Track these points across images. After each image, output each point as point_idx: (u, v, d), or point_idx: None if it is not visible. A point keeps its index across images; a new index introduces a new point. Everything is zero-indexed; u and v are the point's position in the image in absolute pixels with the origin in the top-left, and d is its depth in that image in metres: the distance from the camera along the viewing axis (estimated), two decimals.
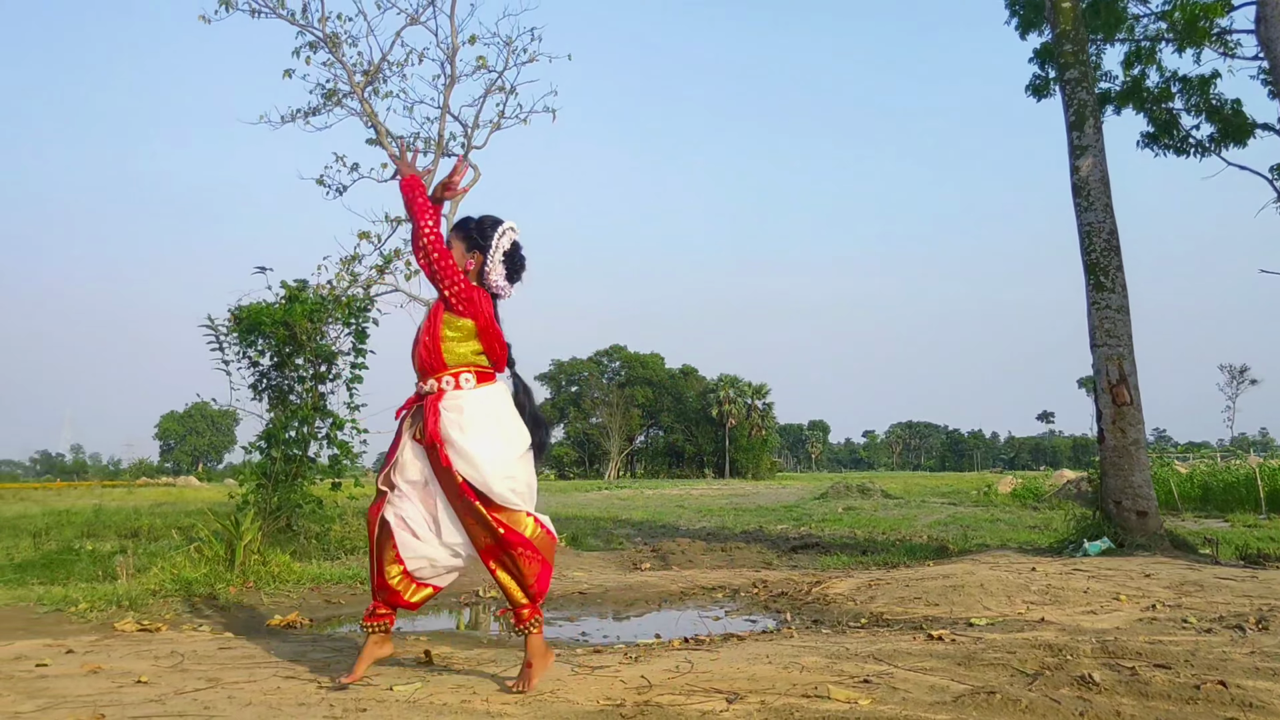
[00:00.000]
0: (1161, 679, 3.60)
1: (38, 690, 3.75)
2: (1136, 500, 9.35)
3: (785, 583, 7.73)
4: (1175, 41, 13.20)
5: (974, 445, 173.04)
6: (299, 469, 9.19)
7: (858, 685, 3.68)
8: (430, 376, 3.73)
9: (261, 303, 9.29)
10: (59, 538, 11.89)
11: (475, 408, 3.67)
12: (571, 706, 3.45)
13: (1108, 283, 9.81)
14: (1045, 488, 24.25)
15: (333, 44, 12.34)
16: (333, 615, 6.62)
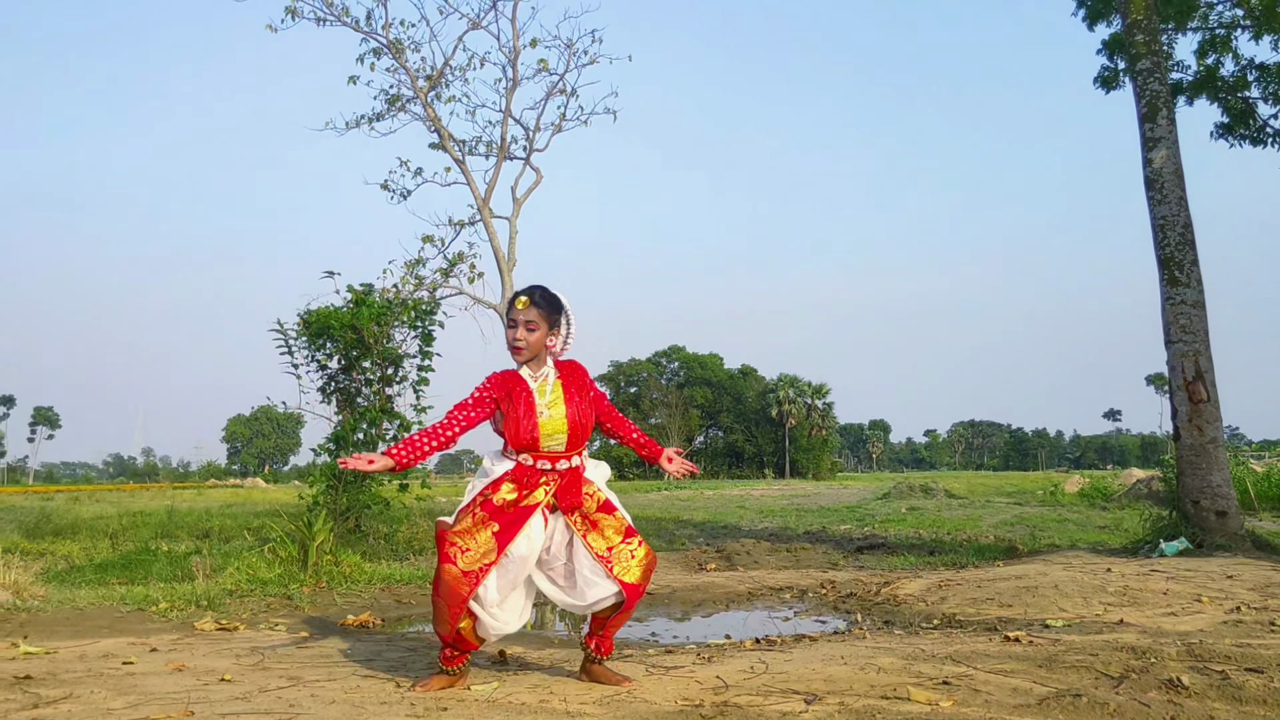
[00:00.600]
0: (1255, 683, 3.50)
1: (127, 687, 3.84)
2: (1215, 500, 9.11)
3: (853, 583, 7.66)
4: (1252, 28, 12.84)
5: (1038, 444, 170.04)
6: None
7: (937, 687, 3.63)
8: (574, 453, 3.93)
9: (329, 307, 9.46)
10: (135, 538, 12.20)
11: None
12: (650, 707, 3.44)
13: (1182, 277, 9.58)
14: (1114, 487, 23.73)
15: (396, 50, 12.50)
16: (404, 615, 6.70)
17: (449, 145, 12.68)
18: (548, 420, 3.82)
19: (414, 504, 10.53)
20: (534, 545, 3.77)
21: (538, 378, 3.92)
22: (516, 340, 3.86)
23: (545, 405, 3.85)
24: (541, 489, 3.82)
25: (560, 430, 3.84)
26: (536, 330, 3.87)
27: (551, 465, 3.85)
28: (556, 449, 3.85)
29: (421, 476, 10.87)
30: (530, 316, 3.87)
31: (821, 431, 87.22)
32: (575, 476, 3.89)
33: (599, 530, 3.84)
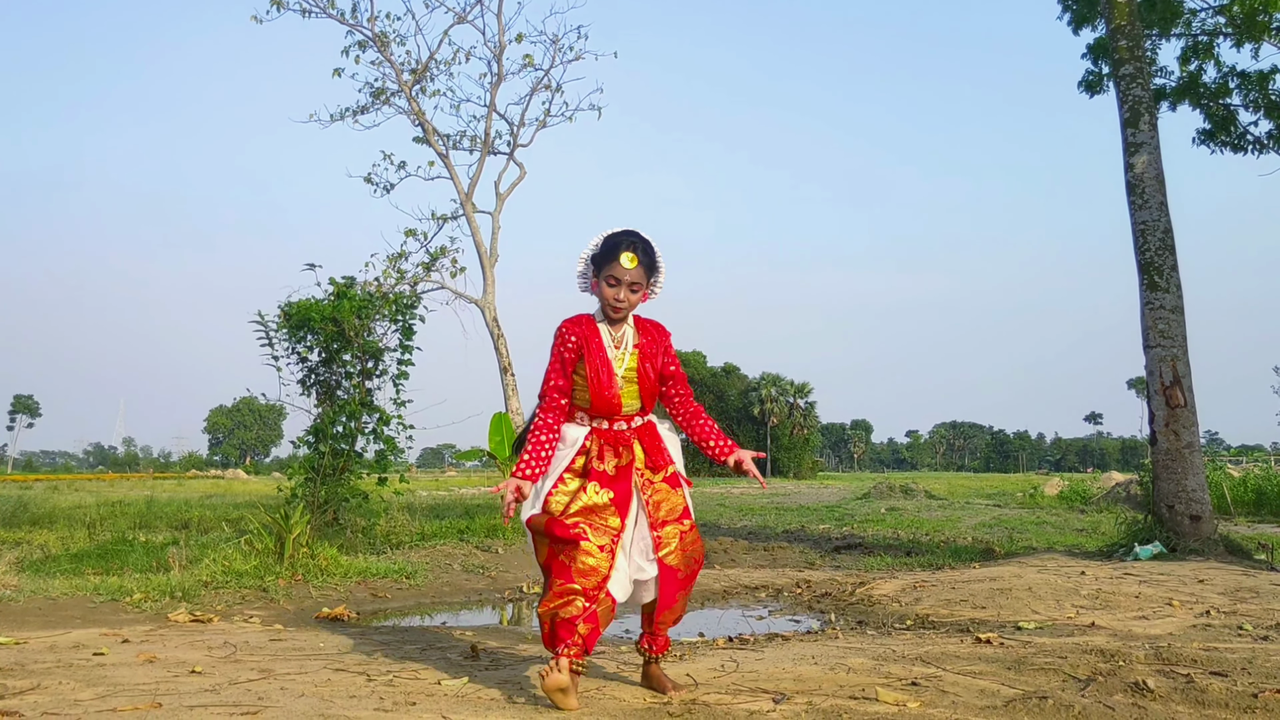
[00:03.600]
0: (1218, 687, 3.53)
1: (96, 678, 3.83)
2: (1190, 504, 9.18)
3: (829, 583, 7.69)
4: (1234, 36, 12.92)
5: (1019, 446, 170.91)
6: (346, 463, 9.30)
7: (906, 688, 3.65)
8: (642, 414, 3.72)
9: (310, 299, 9.41)
10: (113, 528, 12.12)
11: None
12: (619, 704, 3.45)
13: (1162, 282, 9.64)
14: (1093, 490, 23.86)
15: (381, 43, 12.45)
16: (379, 609, 6.70)
17: (433, 139, 12.65)
18: (624, 390, 3.60)
19: (392, 498, 10.50)
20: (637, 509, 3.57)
21: (616, 339, 3.64)
22: (618, 301, 3.55)
23: (621, 375, 3.60)
24: (633, 446, 3.63)
25: (635, 397, 3.64)
26: (639, 291, 3.59)
27: (628, 425, 3.66)
28: (632, 410, 3.66)
29: (401, 471, 10.85)
30: (637, 277, 3.56)
31: (803, 430, 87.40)
32: (654, 434, 3.70)
33: (660, 502, 3.59)
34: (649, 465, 3.65)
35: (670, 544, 3.54)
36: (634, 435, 3.68)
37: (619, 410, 3.63)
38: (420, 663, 4.34)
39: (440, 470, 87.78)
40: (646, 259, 3.59)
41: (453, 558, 8.83)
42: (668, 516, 3.59)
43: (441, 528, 10.68)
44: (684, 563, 3.56)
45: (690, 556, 3.59)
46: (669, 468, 3.68)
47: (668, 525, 3.57)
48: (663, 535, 3.54)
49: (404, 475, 10.56)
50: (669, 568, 3.53)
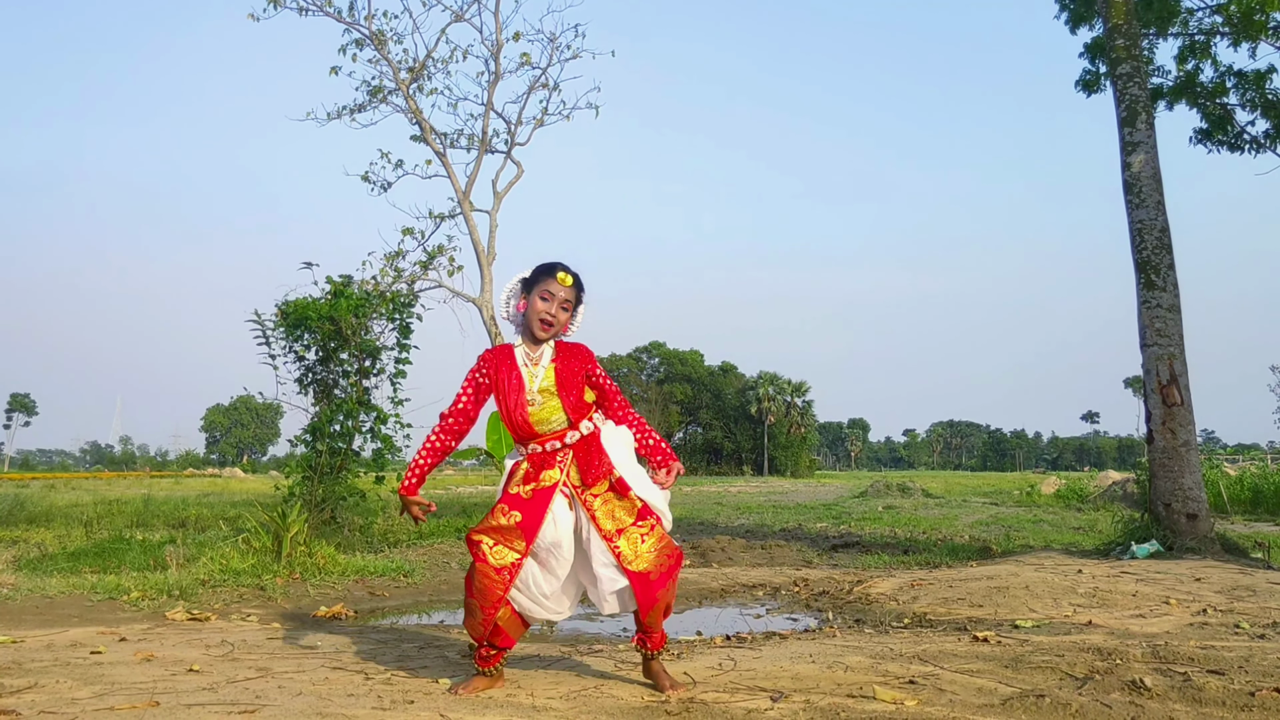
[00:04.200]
0: (1215, 685, 3.54)
1: (94, 677, 3.82)
2: (1186, 503, 9.19)
3: (826, 581, 7.69)
4: (1231, 35, 12.93)
5: (1016, 445, 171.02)
6: (343, 462, 9.31)
7: (903, 686, 3.66)
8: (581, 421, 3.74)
9: (308, 298, 9.42)
10: (110, 527, 12.10)
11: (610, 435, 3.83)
12: (616, 702, 3.45)
13: (1159, 281, 9.65)
14: (1090, 489, 23.88)
15: (378, 41, 12.44)
16: (377, 607, 6.69)
17: (430, 138, 12.64)
18: (539, 409, 3.65)
19: (390, 496, 10.50)
20: (562, 529, 3.59)
21: (533, 359, 3.72)
22: (548, 315, 3.67)
23: (537, 391, 3.66)
24: (557, 466, 3.67)
25: (554, 413, 3.67)
26: (568, 310, 3.73)
27: (560, 443, 3.69)
28: (558, 428, 3.69)
29: (398, 469, 10.84)
30: (569, 296, 3.72)
31: (800, 429, 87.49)
32: (591, 445, 3.70)
33: (609, 512, 3.61)
34: (583, 481, 3.66)
35: (632, 552, 3.56)
36: (568, 452, 3.71)
37: (534, 432, 3.68)
38: (418, 661, 4.34)
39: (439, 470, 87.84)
40: (578, 283, 3.78)
41: (450, 556, 8.83)
42: (621, 524, 3.60)
43: (439, 526, 10.67)
44: (654, 565, 3.56)
45: (660, 556, 3.58)
46: (610, 476, 3.67)
47: (623, 534, 3.58)
48: (620, 546, 3.56)
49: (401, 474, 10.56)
50: (639, 574, 3.54)
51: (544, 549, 3.59)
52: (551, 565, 3.61)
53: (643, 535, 3.58)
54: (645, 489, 3.67)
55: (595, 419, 3.79)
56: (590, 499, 3.63)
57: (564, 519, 3.62)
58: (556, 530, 3.59)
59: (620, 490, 3.65)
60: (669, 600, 3.67)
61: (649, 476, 3.73)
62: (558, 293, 3.69)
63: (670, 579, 3.60)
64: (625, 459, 3.74)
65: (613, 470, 3.67)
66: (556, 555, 3.60)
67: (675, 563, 3.64)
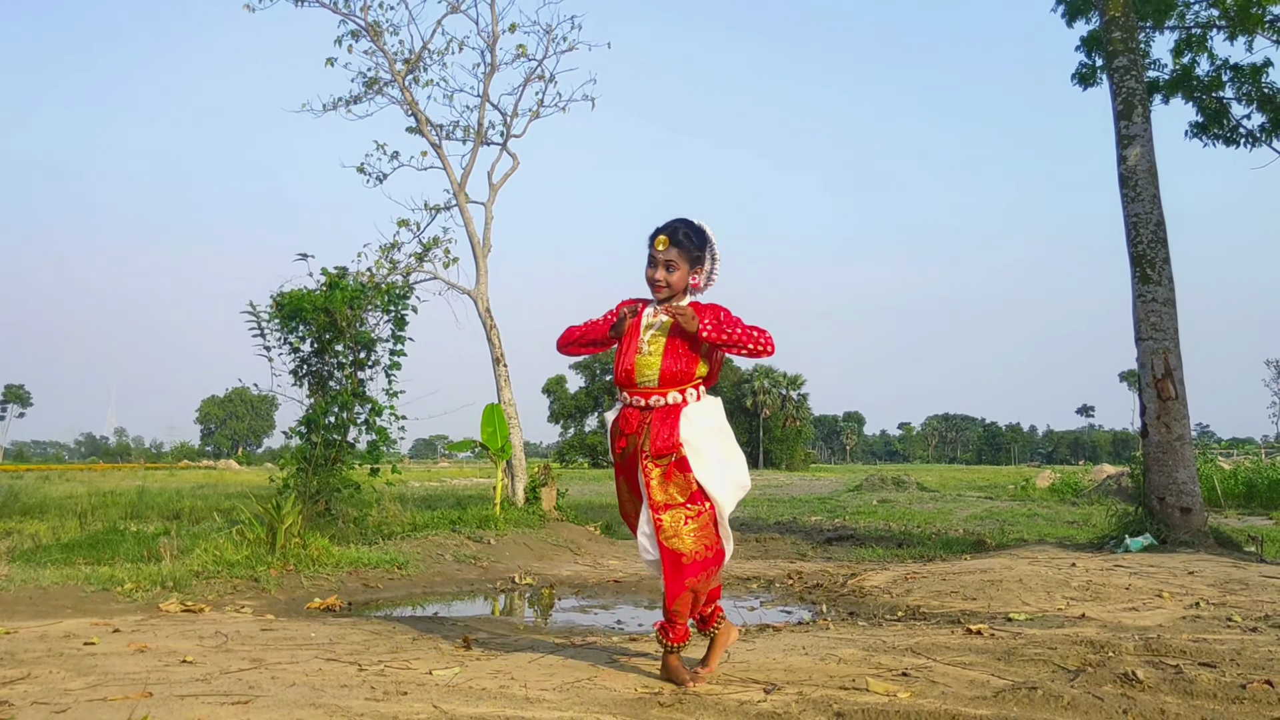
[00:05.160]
0: (1207, 678, 3.55)
1: (87, 668, 3.82)
2: (1180, 496, 9.21)
3: (820, 574, 7.70)
4: (1227, 29, 12.92)
5: (1011, 439, 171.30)
6: (338, 454, 9.30)
7: (896, 678, 3.66)
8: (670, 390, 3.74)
9: (303, 289, 9.40)
10: (104, 518, 12.11)
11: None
12: (610, 693, 3.46)
13: (1154, 275, 9.66)
14: (1084, 483, 23.94)
15: (374, 32, 12.39)
16: (371, 599, 6.69)
17: (426, 129, 12.60)
18: (643, 357, 3.72)
19: (385, 488, 10.50)
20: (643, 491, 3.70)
21: (658, 313, 3.79)
22: (656, 279, 3.75)
23: (646, 341, 3.73)
24: (639, 430, 3.71)
25: (652, 368, 3.70)
26: (677, 270, 3.75)
27: (645, 402, 3.72)
28: (649, 385, 3.72)
29: (393, 461, 10.85)
30: (670, 256, 3.74)
31: (796, 423, 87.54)
32: (669, 416, 3.70)
33: (664, 483, 3.61)
34: (652, 449, 3.66)
35: (672, 529, 3.54)
36: (649, 415, 3.72)
37: (633, 381, 3.74)
38: (412, 653, 4.34)
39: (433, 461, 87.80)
40: (685, 240, 3.76)
41: (444, 548, 8.82)
42: (671, 500, 3.59)
43: (433, 518, 10.67)
44: (691, 549, 3.53)
45: (699, 543, 3.54)
46: (676, 451, 3.63)
47: (671, 509, 3.57)
48: (663, 520, 3.56)
49: (396, 466, 10.55)
50: (671, 552, 3.52)
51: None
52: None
53: (688, 517, 3.57)
54: (709, 474, 3.64)
55: (689, 395, 3.75)
56: (650, 467, 3.64)
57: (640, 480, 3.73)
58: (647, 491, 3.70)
59: (681, 467, 3.63)
60: (702, 594, 3.64)
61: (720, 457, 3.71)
62: (657, 256, 3.76)
63: (705, 571, 3.56)
64: (701, 439, 3.69)
65: (680, 447, 3.64)
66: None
67: (716, 558, 3.60)
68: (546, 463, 12.98)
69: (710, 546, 3.57)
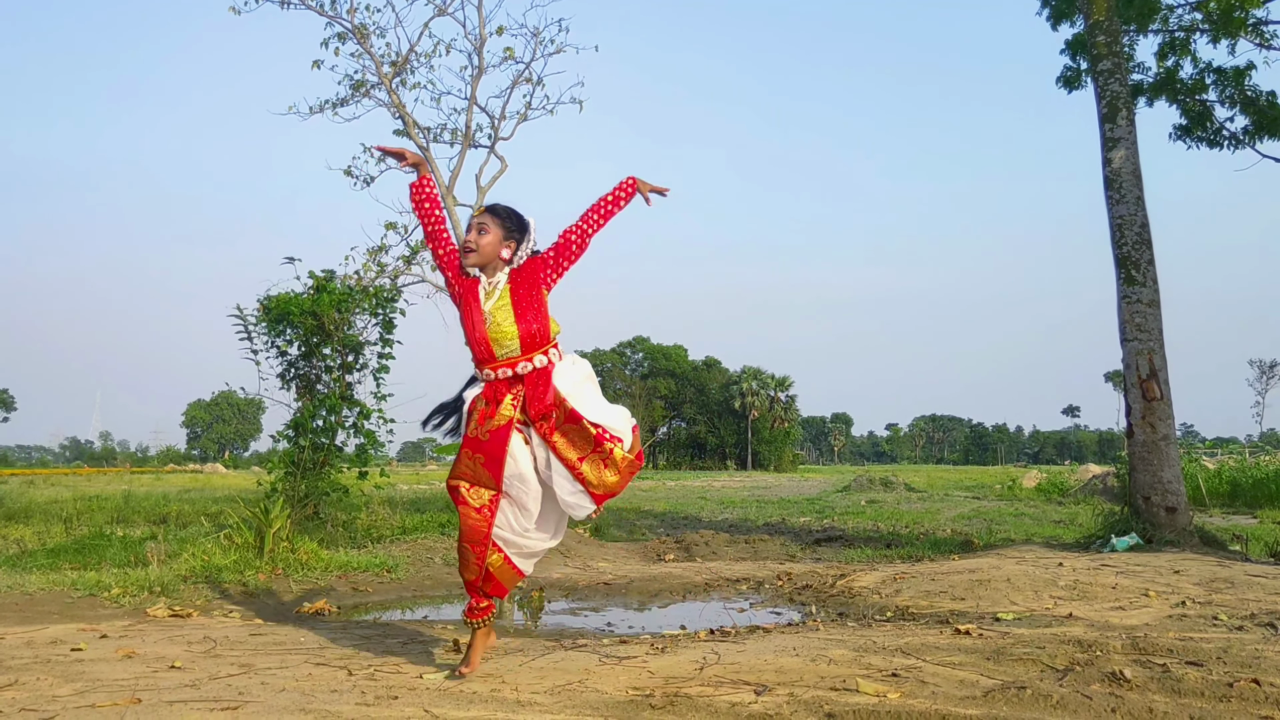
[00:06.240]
0: (1194, 676, 3.58)
1: (75, 674, 3.80)
2: (1166, 496, 9.26)
3: (809, 575, 7.72)
4: (1210, 32, 13.02)
5: (998, 439, 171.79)
6: (326, 457, 9.27)
7: (886, 679, 3.68)
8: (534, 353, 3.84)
9: (290, 293, 9.37)
10: (90, 523, 12.03)
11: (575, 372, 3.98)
12: (601, 696, 3.46)
13: (1139, 276, 9.72)
14: (1070, 483, 24.04)
15: (361, 35, 12.38)
16: (360, 603, 6.68)
17: (413, 132, 12.59)
18: (493, 326, 3.78)
19: (373, 491, 10.47)
20: (523, 463, 3.76)
21: (490, 283, 3.87)
22: (467, 242, 3.86)
23: (491, 309, 3.79)
24: (507, 402, 3.78)
25: (509, 336, 3.78)
26: (488, 234, 3.86)
27: (512, 371, 3.80)
28: (512, 355, 3.80)
29: (381, 465, 10.82)
30: (484, 220, 3.89)
31: (784, 424, 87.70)
32: (540, 379, 3.81)
33: (569, 441, 3.76)
34: (532, 413, 3.77)
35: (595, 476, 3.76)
36: (518, 384, 3.81)
37: (493, 355, 3.80)
38: (402, 656, 4.34)
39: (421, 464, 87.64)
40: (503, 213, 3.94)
41: (434, 551, 8.80)
42: (582, 452, 3.76)
43: (423, 521, 10.64)
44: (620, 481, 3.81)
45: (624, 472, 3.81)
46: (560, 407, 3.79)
47: (585, 461, 3.76)
48: (584, 471, 3.76)
49: (384, 469, 10.53)
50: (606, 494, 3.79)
51: (511, 485, 3.76)
52: (522, 499, 3.79)
53: (604, 460, 3.77)
54: (599, 413, 3.84)
55: (551, 354, 3.88)
56: (547, 431, 3.76)
57: (521, 454, 3.78)
58: (517, 464, 3.76)
59: (573, 419, 3.78)
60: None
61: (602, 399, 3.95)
62: (473, 221, 3.93)
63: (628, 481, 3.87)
64: (577, 389, 3.87)
65: (564, 401, 3.80)
66: (526, 489, 3.78)
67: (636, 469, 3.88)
68: None
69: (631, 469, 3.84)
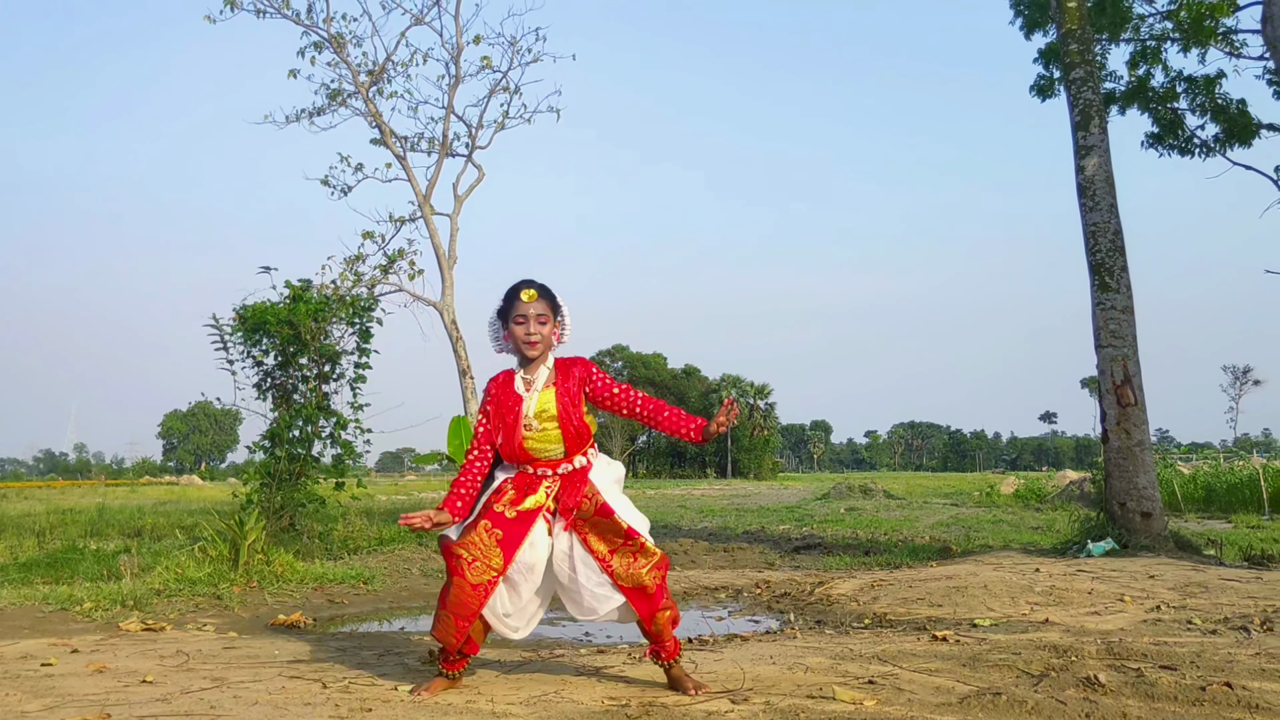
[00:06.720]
0: (1167, 680, 3.60)
1: (44, 689, 3.75)
2: (1141, 501, 9.33)
3: (788, 583, 7.72)
4: (1181, 41, 13.18)
5: (976, 446, 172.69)
6: (303, 468, 9.21)
7: (862, 686, 3.68)
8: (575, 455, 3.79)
9: (266, 302, 9.31)
10: (63, 536, 11.91)
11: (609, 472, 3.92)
12: (577, 707, 3.45)
13: (1112, 283, 9.80)
14: (1048, 489, 24.21)
15: (337, 44, 12.35)
16: (336, 615, 6.63)
17: (390, 141, 12.56)
18: (537, 434, 3.71)
19: (350, 502, 10.41)
20: (539, 553, 3.66)
21: (531, 383, 3.78)
22: (530, 336, 3.72)
23: (534, 417, 3.71)
24: (541, 491, 3.71)
25: (553, 441, 3.73)
26: (547, 323, 3.76)
27: (552, 471, 3.75)
28: (554, 457, 3.76)
29: (359, 475, 10.76)
30: (540, 310, 3.74)
31: (763, 432, 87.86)
32: (578, 478, 3.76)
33: (599, 534, 3.69)
34: (560, 507, 3.71)
35: (624, 569, 3.66)
36: (556, 481, 3.76)
37: (530, 457, 3.76)
38: (376, 669, 4.30)
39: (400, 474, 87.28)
40: (545, 294, 3.79)
41: (411, 562, 8.77)
42: (613, 545, 3.69)
43: (400, 532, 10.60)
44: (649, 577, 3.66)
45: (653, 570, 3.68)
46: (593, 499, 3.73)
47: (615, 554, 3.68)
48: (614, 564, 3.66)
49: (361, 480, 10.47)
50: (636, 589, 3.65)
51: (518, 570, 3.64)
52: (520, 587, 3.67)
53: (634, 554, 3.68)
54: (629, 515, 3.77)
55: (590, 454, 3.85)
56: (579, 522, 3.70)
57: (541, 544, 3.69)
58: (533, 553, 3.66)
59: (604, 513, 3.71)
60: (673, 611, 3.76)
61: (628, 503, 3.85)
62: (529, 312, 3.73)
63: (663, 585, 3.72)
64: (610, 488, 3.83)
65: (597, 494, 3.74)
66: (528, 578, 3.67)
67: (664, 570, 3.75)
68: None
69: (660, 568, 3.73)
